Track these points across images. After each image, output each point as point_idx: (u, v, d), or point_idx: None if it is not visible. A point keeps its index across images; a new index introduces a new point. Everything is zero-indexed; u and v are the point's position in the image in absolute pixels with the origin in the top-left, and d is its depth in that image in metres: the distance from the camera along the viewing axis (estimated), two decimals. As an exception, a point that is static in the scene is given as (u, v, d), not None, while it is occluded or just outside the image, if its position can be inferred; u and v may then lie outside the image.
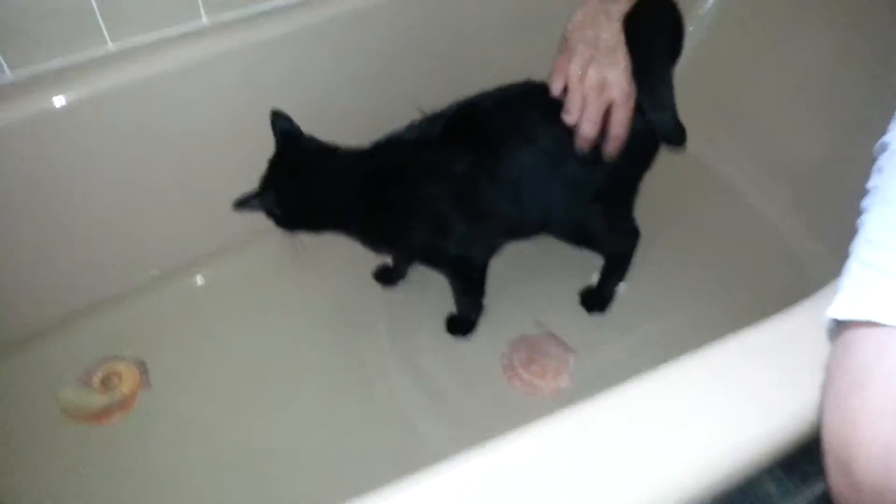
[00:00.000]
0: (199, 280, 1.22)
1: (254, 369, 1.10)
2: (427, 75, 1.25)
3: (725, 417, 0.60)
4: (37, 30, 0.96)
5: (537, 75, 0.94)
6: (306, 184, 0.95)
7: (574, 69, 0.86)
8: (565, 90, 0.89)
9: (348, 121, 1.09)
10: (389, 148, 0.96)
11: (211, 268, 1.22)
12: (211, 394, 1.07)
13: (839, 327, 0.55)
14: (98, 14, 0.98)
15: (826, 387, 0.54)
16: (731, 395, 0.62)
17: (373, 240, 1.03)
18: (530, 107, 0.93)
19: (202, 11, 1.06)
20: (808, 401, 0.57)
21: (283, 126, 0.96)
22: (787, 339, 0.65)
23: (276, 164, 0.96)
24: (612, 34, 0.84)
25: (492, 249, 1.06)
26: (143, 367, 1.09)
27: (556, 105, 0.89)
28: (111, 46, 1.02)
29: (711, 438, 0.60)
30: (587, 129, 0.88)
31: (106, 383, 1.06)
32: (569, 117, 0.89)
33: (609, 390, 0.62)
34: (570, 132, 0.90)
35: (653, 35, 0.87)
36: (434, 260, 1.06)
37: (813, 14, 1.24)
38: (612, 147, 0.90)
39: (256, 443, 1.02)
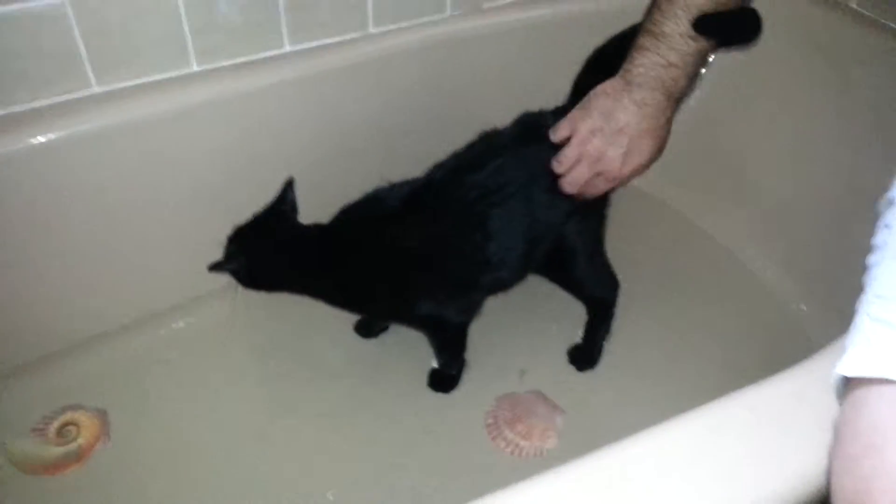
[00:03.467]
0: (165, 332, 1.18)
1: (218, 424, 1.06)
2: (416, 131, 1.25)
3: (725, 480, 0.57)
4: (21, 70, 0.95)
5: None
6: (275, 253, 0.97)
7: (583, 129, 0.89)
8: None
9: (332, 171, 1.08)
10: (354, 218, 0.98)
11: (176, 320, 1.19)
12: (170, 450, 1.02)
13: (849, 385, 0.53)
14: (85, 57, 0.98)
15: (835, 448, 0.51)
16: (731, 456, 0.59)
17: (343, 305, 1.03)
18: (490, 159, 0.94)
19: (192, 58, 1.05)
20: (815, 463, 0.54)
21: (287, 195, 0.99)
22: (789, 399, 0.63)
23: (247, 229, 0.98)
24: (626, 116, 0.86)
25: (470, 308, 1.04)
26: (103, 418, 1.04)
27: (515, 150, 0.93)
28: (96, 89, 1.01)
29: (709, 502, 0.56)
30: (567, 186, 0.92)
31: (62, 433, 1.01)
32: (559, 168, 0.91)
33: (598, 451, 0.59)
34: (532, 167, 0.93)
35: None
36: (408, 321, 1.08)
37: (807, 76, 1.24)
38: (575, 195, 0.93)
39: (223, 498, 0.97)
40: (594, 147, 0.88)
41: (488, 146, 0.96)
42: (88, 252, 1.07)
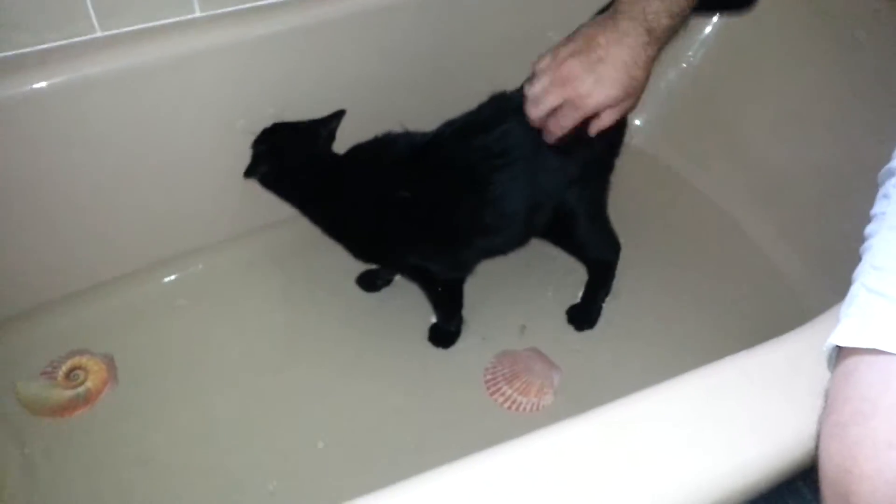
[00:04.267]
0: (173, 277, 1.19)
1: (224, 370, 1.08)
2: (422, 84, 1.24)
3: (718, 442, 0.58)
4: (23, 13, 0.93)
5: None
6: (295, 167, 1.00)
7: (563, 52, 0.83)
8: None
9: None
10: (361, 156, 0.99)
11: (186, 266, 1.19)
12: (179, 393, 1.04)
13: (841, 354, 0.54)
14: (88, 1, 0.96)
15: (825, 414, 0.52)
16: (724, 419, 0.60)
17: (337, 237, 1.03)
18: (498, 123, 0.92)
19: (195, 3, 1.03)
20: (806, 428, 0.55)
21: (331, 122, 1.04)
22: (783, 365, 0.63)
23: (281, 133, 1.03)
24: (606, 42, 0.81)
25: (462, 266, 1.05)
26: (110, 363, 1.05)
27: (521, 116, 0.88)
28: (100, 34, 0.99)
29: (703, 462, 0.58)
30: (532, 111, 0.86)
31: (70, 377, 1.03)
32: (528, 89, 0.86)
33: (594, 409, 0.60)
34: (537, 133, 0.89)
35: None
36: (402, 269, 1.09)
37: (810, 41, 1.23)
38: (543, 128, 0.88)
39: (223, 444, 0.99)
40: (567, 68, 0.82)
41: (497, 109, 0.94)
42: (93, 197, 1.07)
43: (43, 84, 0.95)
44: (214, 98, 1.08)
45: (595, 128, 0.85)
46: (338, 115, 1.03)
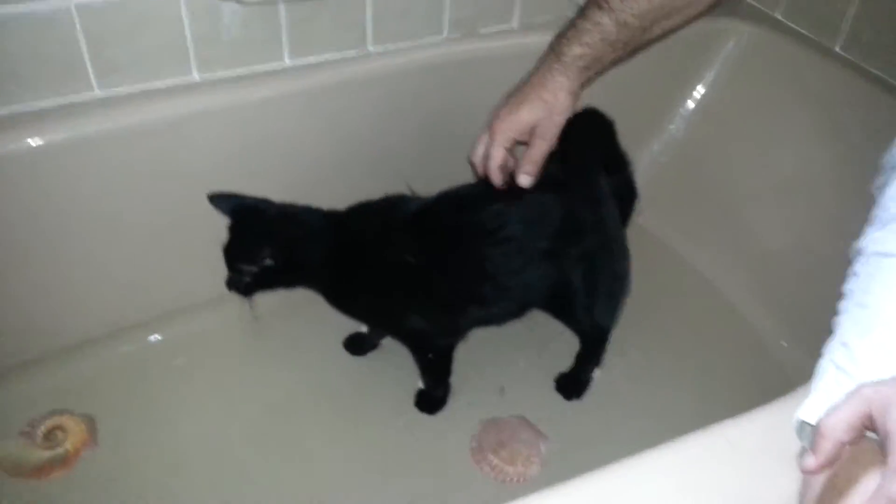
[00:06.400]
0: (157, 338, 1.18)
1: (206, 434, 1.06)
2: (411, 148, 1.26)
3: None
4: (24, 70, 0.95)
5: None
6: (291, 240, 0.97)
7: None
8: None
9: (327, 187, 1.08)
10: (362, 215, 0.99)
11: (169, 327, 1.18)
12: (158, 457, 1.02)
13: (811, 428, 0.54)
14: (88, 61, 0.98)
15: (803, 489, 0.52)
16: (710, 487, 0.59)
17: (336, 301, 1.03)
18: (499, 198, 0.94)
19: (194, 68, 1.06)
20: (788, 499, 0.54)
21: (228, 201, 0.98)
22: (768, 433, 0.63)
23: (251, 226, 0.97)
24: (523, 87, 0.92)
25: (456, 333, 1.05)
26: (91, 424, 1.03)
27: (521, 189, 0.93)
28: (98, 93, 1.01)
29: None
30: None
31: (49, 437, 1.00)
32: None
33: (580, 477, 0.60)
34: (545, 211, 0.93)
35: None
36: (393, 333, 1.08)
37: (796, 119, 1.28)
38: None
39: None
40: (494, 117, 0.94)
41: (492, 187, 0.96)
42: (82, 256, 1.07)
43: (39, 142, 0.96)
44: (211, 159, 1.10)
45: (528, 157, 0.91)
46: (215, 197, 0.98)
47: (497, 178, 0.93)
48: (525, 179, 0.92)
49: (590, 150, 0.96)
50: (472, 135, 1.28)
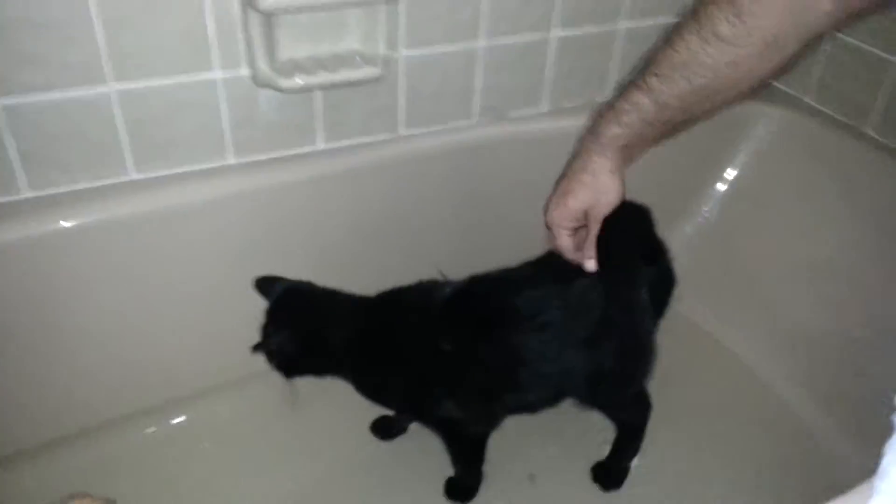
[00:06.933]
0: (181, 420, 1.16)
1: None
2: (442, 230, 1.27)
3: None
4: (62, 154, 0.98)
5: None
6: (315, 325, 0.97)
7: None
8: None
9: (358, 270, 1.09)
10: (393, 302, 0.98)
11: (194, 408, 1.17)
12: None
13: None
14: (126, 145, 1.01)
15: None
16: None
17: (367, 389, 1.01)
18: (535, 282, 0.93)
19: (230, 151, 1.09)
20: None
21: (272, 285, 0.98)
22: None
23: (282, 308, 0.97)
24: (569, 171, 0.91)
25: (490, 420, 1.02)
26: (111, 508, 1.00)
27: (562, 276, 0.92)
28: (135, 176, 1.04)
29: None
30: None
31: (69, 523, 0.97)
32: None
33: None
34: (583, 297, 0.91)
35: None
36: (425, 420, 1.05)
37: (825, 196, 1.27)
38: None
39: None
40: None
41: (532, 272, 0.95)
42: (110, 334, 1.07)
43: (72, 223, 0.98)
44: (242, 239, 1.11)
45: (589, 242, 0.90)
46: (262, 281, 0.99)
47: (586, 262, 0.91)
48: (591, 264, 0.91)
49: (627, 239, 0.95)
50: (503, 216, 1.29)
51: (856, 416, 1.12)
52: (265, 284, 0.98)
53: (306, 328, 0.96)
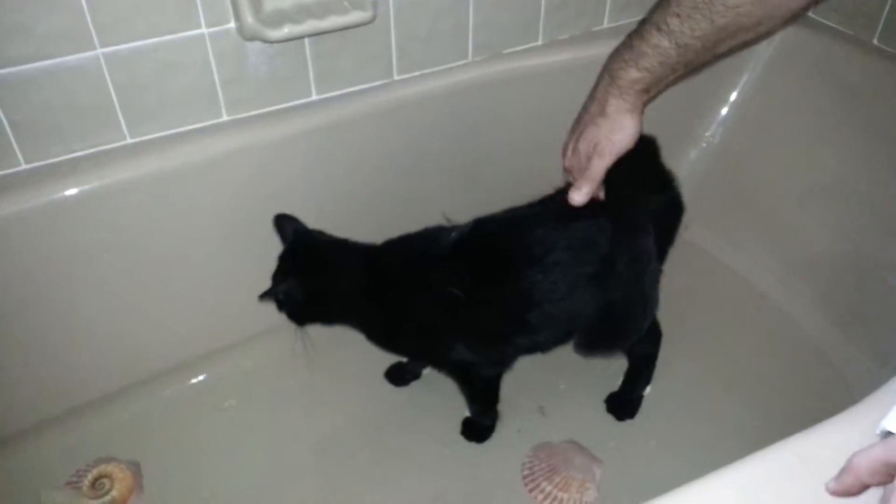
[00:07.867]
0: (200, 379, 1.18)
1: (253, 474, 1.05)
2: (440, 174, 1.26)
3: None
4: (56, 123, 0.97)
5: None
6: (322, 274, 0.97)
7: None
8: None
9: (359, 220, 1.08)
10: (401, 249, 0.98)
11: (212, 367, 1.18)
12: (205, 501, 1.01)
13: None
14: (118, 109, 1.00)
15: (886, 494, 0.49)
16: None
17: (377, 337, 1.02)
18: (542, 222, 0.92)
19: (223, 109, 1.07)
20: None
21: (289, 226, 0.99)
22: (838, 448, 0.59)
23: (290, 257, 0.98)
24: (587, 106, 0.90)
25: (502, 362, 1.03)
26: (136, 470, 1.03)
27: (567, 214, 0.90)
28: (129, 140, 1.03)
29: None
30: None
31: (96, 486, 1.00)
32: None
33: None
34: (590, 234, 0.90)
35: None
36: (437, 365, 1.06)
37: (832, 113, 1.24)
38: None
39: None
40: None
41: (545, 210, 0.94)
42: (123, 300, 1.08)
43: (74, 191, 0.98)
44: (242, 196, 1.10)
45: (585, 175, 0.89)
46: (280, 218, 1.00)
47: (572, 193, 0.91)
48: (577, 196, 0.89)
49: (633, 173, 0.93)
50: (504, 155, 1.28)
51: (871, 334, 1.12)
52: (282, 223, 0.99)
53: (313, 276, 0.96)
